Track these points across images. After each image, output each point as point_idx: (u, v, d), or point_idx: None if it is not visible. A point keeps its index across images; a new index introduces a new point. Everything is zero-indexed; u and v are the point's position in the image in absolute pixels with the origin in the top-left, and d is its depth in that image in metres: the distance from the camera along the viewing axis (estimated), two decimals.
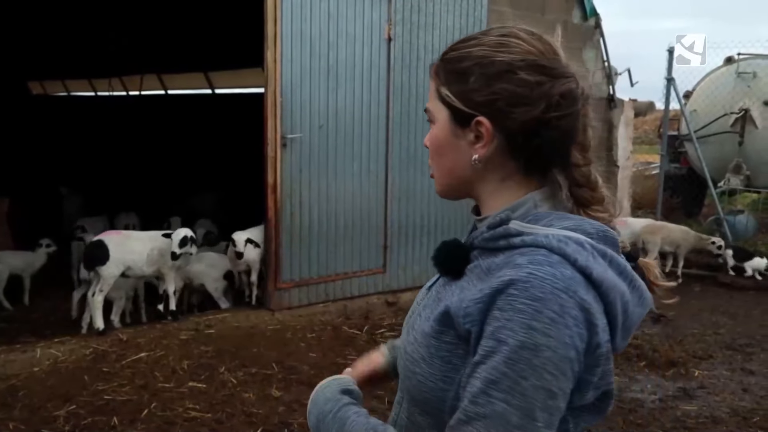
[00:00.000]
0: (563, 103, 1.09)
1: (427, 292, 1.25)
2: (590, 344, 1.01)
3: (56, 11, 12.13)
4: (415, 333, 1.16)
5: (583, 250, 1.03)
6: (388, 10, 6.41)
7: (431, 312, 1.14)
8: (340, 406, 1.22)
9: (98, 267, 5.37)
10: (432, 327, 1.11)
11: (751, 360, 5.40)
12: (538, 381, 0.97)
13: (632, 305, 1.07)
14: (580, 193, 1.13)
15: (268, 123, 5.83)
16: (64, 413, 4.05)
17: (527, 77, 1.08)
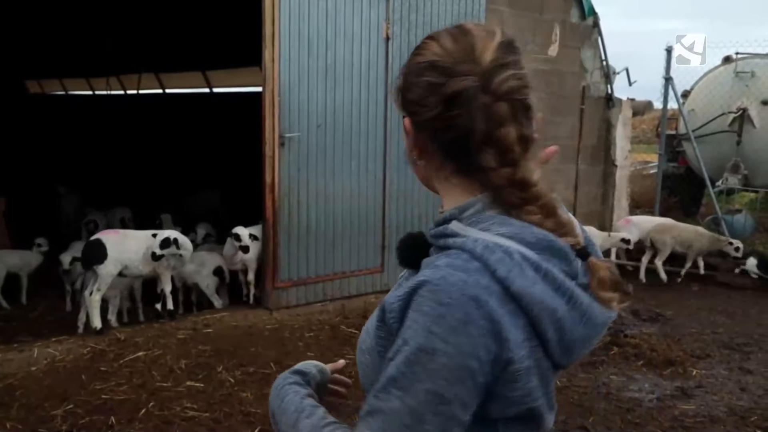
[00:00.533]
0: (457, 102, 1.08)
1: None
2: (499, 358, 0.98)
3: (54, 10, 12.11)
4: (367, 324, 1.19)
5: (508, 260, 1.00)
6: (386, 9, 6.41)
7: (371, 323, 1.16)
8: (284, 384, 1.28)
9: (96, 266, 5.36)
10: (374, 321, 1.12)
11: (748, 359, 5.41)
12: (432, 385, 0.96)
13: (570, 323, 1.03)
14: (505, 195, 1.08)
15: (266, 122, 5.82)
16: (61, 412, 4.05)
17: (428, 79, 1.10)
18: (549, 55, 8.19)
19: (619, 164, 9.27)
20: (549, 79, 8.24)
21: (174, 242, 5.59)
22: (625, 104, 9.30)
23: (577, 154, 8.71)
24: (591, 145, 8.96)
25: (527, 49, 7.93)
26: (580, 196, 8.81)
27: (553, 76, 8.29)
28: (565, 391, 4.64)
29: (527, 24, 7.90)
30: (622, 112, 9.20)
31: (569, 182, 8.69)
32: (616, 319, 5.62)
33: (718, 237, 8.08)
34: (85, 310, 5.59)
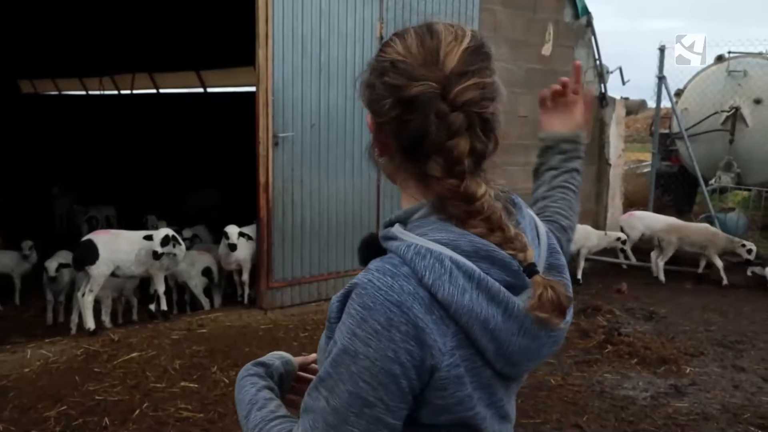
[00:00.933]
0: (413, 106, 1.05)
1: None
2: (423, 364, 0.97)
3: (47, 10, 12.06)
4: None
5: (438, 267, 0.99)
6: (379, 9, 6.41)
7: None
8: (244, 375, 1.27)
9: (88, 266, 5.34)
10: (327, 321, 1.12)
11: (741, 357, 5.43)
12: (353, 388, 0.97)
13: (506, 333, 1.01)
14: (449, 206, 1.06)
15: (259, 122, 5.82)
16: (54, 414, 4.03)
17: (389, 79, 1.08)
18: (543, 55, 8.21)
19: (612, 163, 9.29)
20: (543, 78, 8.24)
21: (173, 239, 5.59)
22: (619, 103, 9.32)
23: None
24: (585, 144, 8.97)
25: (521, 49, 7.95)
26: None
27: (547, 76, 8.30)
28: (560, 390, 4.65)
29: (521, 23, 7.91)
30: (615, 111, 9.22)
31: None
32: (610, 317, 5.61)
33: (732, 238, 7.87)
34: (77, 311, 5.58)
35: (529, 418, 4.22)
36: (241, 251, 6.12)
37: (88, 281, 5.36)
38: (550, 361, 5.16)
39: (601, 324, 6.07)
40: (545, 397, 4.54)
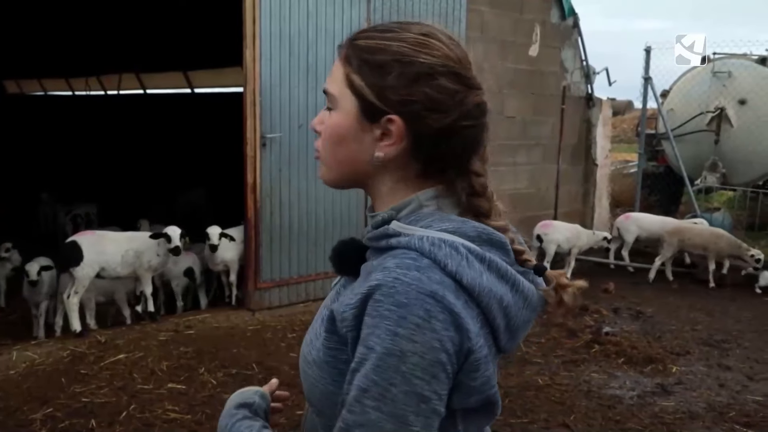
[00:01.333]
0: (474, 114, 1.09)
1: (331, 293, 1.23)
2: (462, 348, 1.00)
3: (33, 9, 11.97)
4: (309, 334, 1.16)
5: (456, 255, 1.01)
6: (367, 9, 6.41)
7: (324, 315, 1.13)
8: (233, 423, 1.23)
9: (72, 268, 5.30)
10: (320, 331, 1.10)
11: (727, 356, 5.47)
12: (408, 387, 0.97)
13: (515, 308, 1.06)
14: (478, 202, 1.11)
15: (247, 122, 5.80)
16: (41, 416, 4.00)
17: (447, 84, 1.08)
18: (530, 55, 8.25)
19: (599, 163, 9.36)
20: (530, 79, 8.29)
21: (183, 236, 5.63)
22: (605, 104, 9.39)
23: (558, 154, 8.77)
24: (572, 144, 9.03)
25: (508, 49, 7.98)
26: (561, 195, 8.87)
27: (534, 76, 8.34)
28: (547, 390, 4.67)
29: (508, 24, 7.95)
30: (602, 112, 9.29)
31: (550, 181, 8.75)
32: (597, 317, 5.64)
33: (740, 243, 7.68)
34: (61, 313, 5.53)
35: (517, 417, 4.24)
36: (227, 252, 6.10)
37: (73, 283, 5.33)
38: (538, 361, 5.19)
39: (588, 324, 6.10)
40: (533, 396, 4.55)
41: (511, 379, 4.82)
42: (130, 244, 5.60)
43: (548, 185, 8.72)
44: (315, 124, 1.16)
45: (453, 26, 7.21)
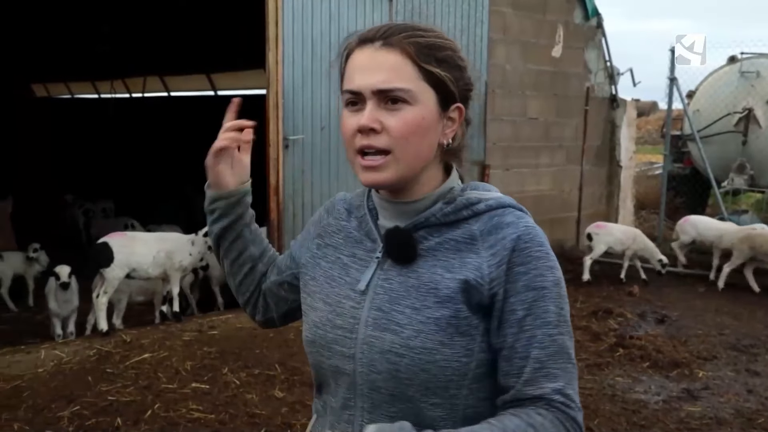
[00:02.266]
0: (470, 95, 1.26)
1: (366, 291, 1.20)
2: None
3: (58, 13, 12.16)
4: (409, 327, 1.14)
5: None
6: (389, 11, 6.42)
7: (425, 299, 1.15)
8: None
9: (102, 269, 5.38)
10: (443, 311, 1.14)
11: (756, 361, 5.38)
12: (568, 305, 1.18)
13: None
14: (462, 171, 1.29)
15: (269, 124, 5.84)
16: (68, 414, 4.06)
17: (471, 74, 1.24)
18: (553, 56, 8.19)
19: (623, 165, 9.26)
20: (553, 80, 8.23)
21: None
22: (630, 105, 9.29)
23: (582, 155, 8.70)
24: (596, 145, 8.95)
25: (531, 50, 7.94)
26: (584, 197, 8.80)
27: (557, 78, 8.29)
28: None
29: (531, 25, 7.90)
30: (626, 113, 9.19)
31: (574, 182, 8.68)
32: (622, 320, 5.58)
33: None
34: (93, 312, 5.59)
35: None
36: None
37: (103, 283, 5.40)
38: None
39: (613, 327, 6.04)
40: None
41: None
42: (162, 245, 5.65)
43: (572, 187, 8.65)
44: (371, 122, 1.15)
45: (475, 28, 7.19)
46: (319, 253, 1.33)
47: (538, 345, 1.11)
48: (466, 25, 7.07)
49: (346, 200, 1.36)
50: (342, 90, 1.21)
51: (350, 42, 1.23)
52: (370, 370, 1.16)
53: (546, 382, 1.11)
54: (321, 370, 1.28)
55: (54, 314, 5.51)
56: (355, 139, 1.17)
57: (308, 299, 1.31)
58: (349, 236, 1.30)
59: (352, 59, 1.21)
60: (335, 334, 1.22)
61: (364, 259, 1.24)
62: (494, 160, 7.48)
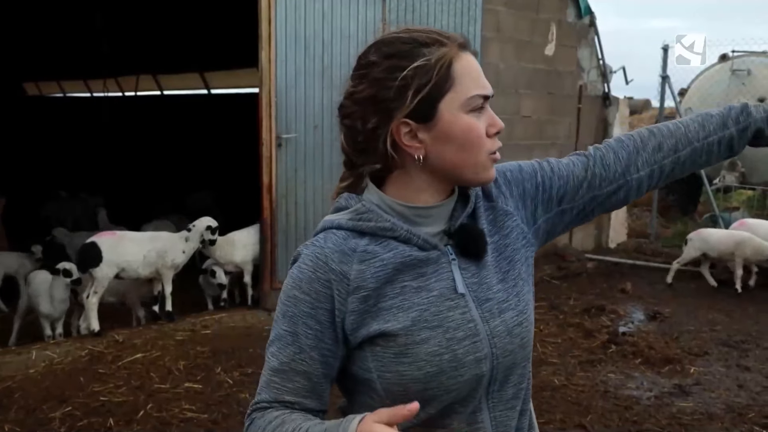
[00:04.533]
0: None
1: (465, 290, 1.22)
2: None
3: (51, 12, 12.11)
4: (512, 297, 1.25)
5: None
6: (382, 10, 6.41)
7: (500, 267, 1.26)
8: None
9: (91, 269, 5.35)
10: (517, 266, 1.28)
11: (746, 356, 5.41)
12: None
13: None
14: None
15: (263, 123, 5.83)
16: (59, 415, 4.05)
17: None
18: (546, 55, 8.21)
19: None
20: (546, 78, 8.25)
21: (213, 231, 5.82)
22: (623, 103, 9.32)
23: None
24: (588, 144, 8.92)
25: (524, 49, 7.95)
26: None
27: (550, 76, 8.30)
28: (563, 390, 4.65)
29: (524, 23, 7.91)
30: (619, 111, 9.21)
31: None
32: (614, 317, 5.59)
33: None
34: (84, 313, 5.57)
35: None
36: (240, 253, 6.10)
37: (93, 283, 5.38)
38: (554, 361, 5.16)
39: (605, 324, 6.06)
40: (549, 397, 4.53)
41: None
42: (153, 244, 5.64)
43: None
44: (503, 124, 1.24)
45: (469, 26, 7.19)
46: (371, 302, 1.18)
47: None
48: (459, 24, 7.07)
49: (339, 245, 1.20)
50: (471, 95, 1.19)
51: (447, 46, 1.19)
52: (504, 356, 1.22)
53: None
54: (452, 394, 1.19)
55: (45, 316, 5.36)
56: (489, 141, 1.22)
57: (399, 347, 1.17)
58: (398, 262, 1.19)
59: (467, 64, 1.20)
60: (463, 346, 1.18)
61: (437, 270, 1.21)
62: None
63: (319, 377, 1.21)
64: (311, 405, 1.21)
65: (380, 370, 1.18)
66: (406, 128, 1.18)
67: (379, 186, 1.25)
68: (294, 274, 1.21)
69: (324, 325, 1.18)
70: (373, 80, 1.18)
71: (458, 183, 1.26)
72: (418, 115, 1.17)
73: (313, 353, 1.19)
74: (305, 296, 1.19)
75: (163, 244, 5.70)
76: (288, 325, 1.21)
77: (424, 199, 1.23)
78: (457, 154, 1.19)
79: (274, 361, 1.22)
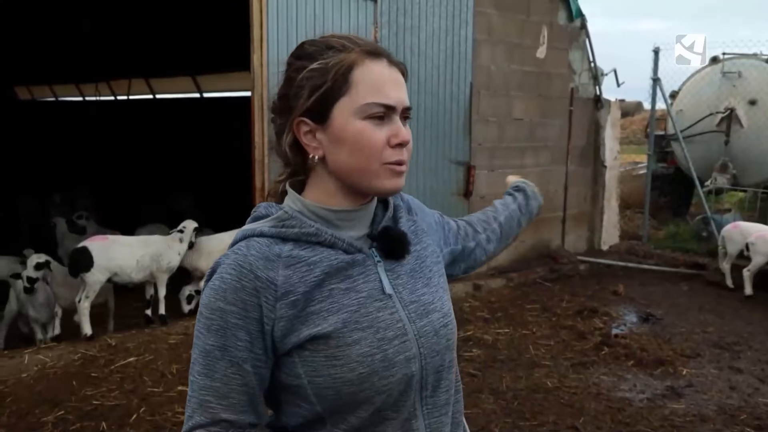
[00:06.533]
0: None
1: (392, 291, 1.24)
2: None
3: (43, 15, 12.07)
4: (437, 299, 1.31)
5: None
6: (374, 13, 6.42)
7: (424, 271, 1.32)
8: None
9: (82, 273, 5.34)
10: (437, 267, 1.37)
11: (738, 358, 5.44)
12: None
13: None
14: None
15: (255, 126, 5.83)
16: (52, 419, 4.03)
17: None
18: (537, 57, 8.24)
19: (608, 165, 9.32)
20: (537, 81, 8.28)
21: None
22: (614, 105, 9.35)
23: (567, 156, 8.75)
24: (580, 146, 9.01)
25: (515, 51, 7.97)
26: (569, 197, 8.85)
27: (542, 78, 8.33)
28: (556, 392, 4.66)
29: (515, 26, 7.94)
30: (610, 114, 9.25)
31: (559, 183, 8.73)
32: (607, 319, 5.61)
33: None
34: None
35: (526, 420, 4.23)
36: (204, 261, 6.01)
37: (84, 288, 5.36)
38: (546, 363, 5.17)
39: (598, 326, 6.08)
40: (542, 399, 4.54)
41: (520, 381, 4.81)
42: (146, 249, 5.62)
43: (557, 187, 8.70)
44: (409, 137, 1.24)
45: (460, 29, 7.21)
46: (300, 306, 1.16)
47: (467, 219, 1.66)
48: (451, 27, 7.09)
49: (262, 252, 1.17)
50: (366, 102, 1.18)
51: (351, 51, 1.19)
52: (431, 356, 1.24)
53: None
54: (383, 396, 1.17)
55: (33, 320, 5.40)
56: (385, 152, 1.20)
57: (330, 350, 1.15)
58: (325, 266, 1.18)
59: (370, 71, 1.19)
60: (393, 346, 1.18)
61: (363, 272, 1.22)
62: (479, 161, 7.51)
63: (255, 389, 1.17)
64: (249, 420, 1.17)
65: (310, 375, 1.16)
66: (306, 127, 1.21)
67: (299, 191, 1.27)
68: (216, 285, 1.16)
69: (253, 335, 1.15)
70: (285, 79, 1.24)
71: (359, 190, 1.22)
72: (314, 115, 1.20)
73: (245, 365, 1.15)
74: (232, 307, 1.14)
75: (157, 248, 5.68)
76: (215, 339, 1.15)
77: (337, 203, 1.24)
78: (349, 158, 1.19)
79: (205, 380, 1.16)
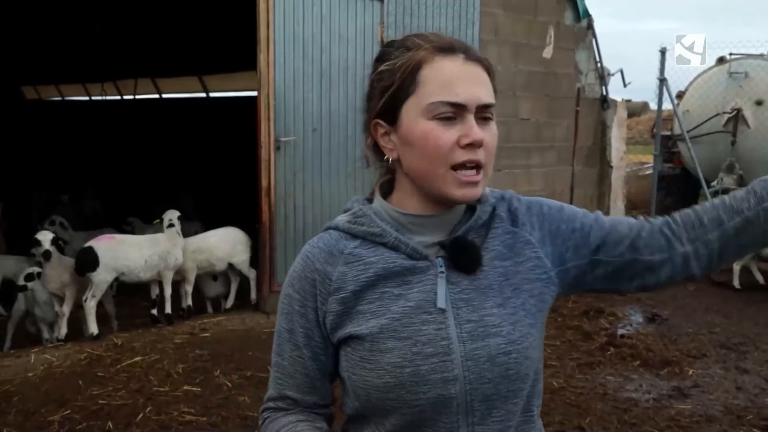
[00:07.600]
0: None
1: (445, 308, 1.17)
2: None
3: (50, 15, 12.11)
4: (505, 323, 1.17)
5: None
6: (380, 13, 6.43)
7: (503, 292, 1.19)
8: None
9: (89, 273, 5.35)
10: (523, 295, 1.20)
11: (745, 359, 5.42)
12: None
13: None
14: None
15: (261, 126, 5.84)
16: (58, 418, 4.04)
17: None
18: (544, 58, 8.22)
19: (614, 165, 9.30)
20: (544, 81, 8.26)
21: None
22: (620, 105, 9.33)
23: (573, 156, 8.73)
24: (586, 146, 8.99)
25: (522, 52, 7.96)
26: (576, 197, 8.83)
27: (548, 78, 8.32)
28: (562, 392, 4.65)
29: (522, 26, 7.93)
30: (617, 114, 9.23)
31: (565, 183, 8.71)
32: (613, 319, 5.61)
33: None
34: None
35: None
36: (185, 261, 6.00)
37: (91, 287, 5.38)
38: (553, 364, 5.16)
39: (604, 326, 6.07)
40: (548, 399, 4.53)
41: None
42: (153, 249, 5.63)
43: (563, 188, 8.68)
44: (489, 139, 1.17)
45: (467, 29, 7.20)
46: (349, 304, 1.18)
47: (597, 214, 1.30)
48: (458, 27, 7.09)
49: (329, 245, 1.22)
50: (432, 101, 1.13)
51: (420, 50, 1.16)
52: (480, 383, 1.14)
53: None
54: (414, 410, 1.14)
55: (40, 319, 5.46)
56: (455, 153, 1.13)
57: (364, 352, 1.16)
58: (379, 268, 1.18)
59: (440, 68, 1.14)
60: (429, 363, 1.13)
61: (421, 280, 1.17)
62: None
63: (315, 373, 1.24)
64: (312, 400, 1.26)
65: (348, 372, 1.19)
66: (382, 129, 1.20)
67: (390, 191, 1.26)
68: (290, 272, 1.25)
69: (312, 323, 1.22)
70: (369, 81, 1.23)
71: (432, 195, 1.18)
72: (387, 117, 1.19)
73: (305, 350, 1.23)
74: (296, 294, 1.23)
75: (164, 246, 5.69)
76: (285, 322, 1.26)
77: (413, 206, 1.21)
78: (418, 161, 1.15)
79: (276, 358, 1.29)
